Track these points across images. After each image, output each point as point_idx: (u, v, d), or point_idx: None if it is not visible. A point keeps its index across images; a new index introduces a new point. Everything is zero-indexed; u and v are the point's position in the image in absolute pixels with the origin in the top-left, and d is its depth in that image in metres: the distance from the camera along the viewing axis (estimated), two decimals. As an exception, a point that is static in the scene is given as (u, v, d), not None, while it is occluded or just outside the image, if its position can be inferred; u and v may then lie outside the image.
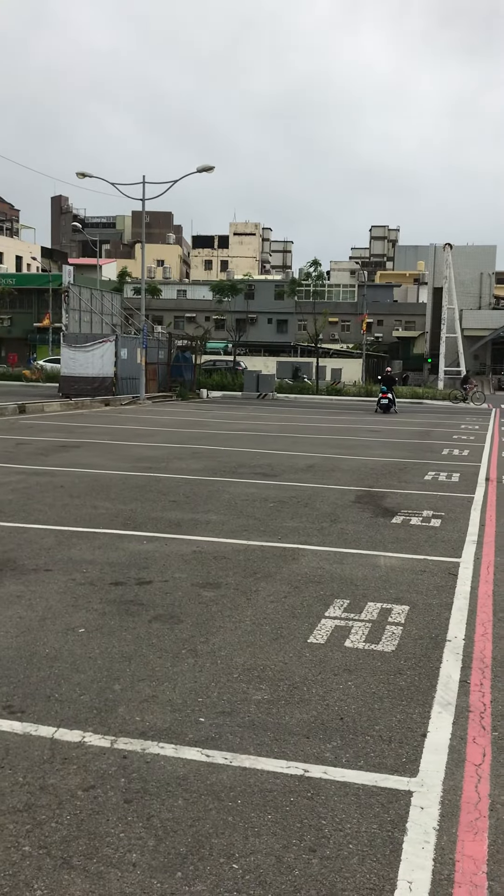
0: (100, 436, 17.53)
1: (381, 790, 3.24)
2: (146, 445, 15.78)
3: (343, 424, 23.86)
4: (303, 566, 6.74)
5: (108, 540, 7.47)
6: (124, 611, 5.40)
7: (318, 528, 8.34)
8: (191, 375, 38.94)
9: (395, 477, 12.36)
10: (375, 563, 6.91)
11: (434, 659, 4.71)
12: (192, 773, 3.33)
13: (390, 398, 30.16)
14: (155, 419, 23.27)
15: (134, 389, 31.70)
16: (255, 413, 27.79)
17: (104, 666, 4.43)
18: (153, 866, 2.72)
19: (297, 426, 22.35)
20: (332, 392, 44.99)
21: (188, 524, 8.27)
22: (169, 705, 3.96)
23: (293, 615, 5.42)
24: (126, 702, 3.98)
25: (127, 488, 10.38)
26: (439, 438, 19.75)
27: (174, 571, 6.43)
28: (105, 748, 3.51)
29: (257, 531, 8.03)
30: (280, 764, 3.42)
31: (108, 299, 39.24)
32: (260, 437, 18.42)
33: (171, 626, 5.11)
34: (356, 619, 5.36)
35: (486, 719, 3.94)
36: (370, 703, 4.08)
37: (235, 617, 5.34)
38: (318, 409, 31.62)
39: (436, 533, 8.30)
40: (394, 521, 8.81)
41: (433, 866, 2.76)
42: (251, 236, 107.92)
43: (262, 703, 4.01)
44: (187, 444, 16.16)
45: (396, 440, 19.01)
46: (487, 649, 4.91)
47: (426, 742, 3.67)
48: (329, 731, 3.74)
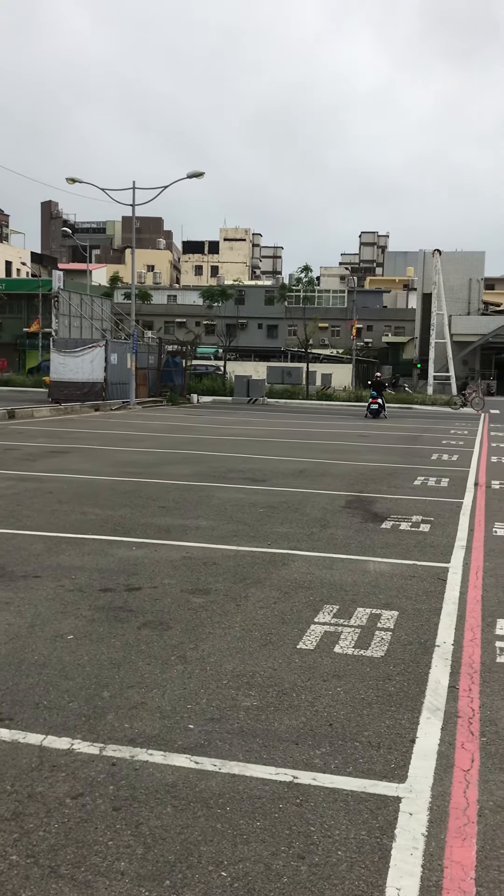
0: (89, 441, 17.49)
1: (369, 796, 3.25)
2: (136, 451, 15.76)
3: (333, 429, 23.90)
4: (292, 572, 6.74)
5: (98, 546, 7.45)
6: (113, 617, 5.39)
7: (308, 533, 8.34)
8: (181, 380, 38.94)
9: (385, 482, 12.39)
10: (365, 569, 6.91)
11: (423, 664, 4.72)
12: (181, 780, 3.32)
13: (380, 403, 30.23)
14: (145, 424, 23.24)
15: (124, 394, 31.66)
16: (245, 418, 27.79)
17: (93, 673, 4.42)
18: (141, 875, 2.71)
19: (287, 431, 22.37)
20: (322, 397, 45.03)
21: (178, 530, 8.26)
22: (158, 712, 3.95)
23: (283, 621, 5.41)
24: (115, 709, 3.97)
25: (116, 494, 10.36)
26: (429, 443, 19.81)
27: (163, 577, 6.42)
28: (94, 755, 3.50)
29: (247, 537, 8.03)
30: (269, 770, 3.41)
31: (98, 304, 39.21)
32: (250, 442, 18.43)
33: (161, 633, 5.10)
34: (345, 624, 5.37)
35: (474, 725, 3.94)
36: (359, 708, 4.08)
37: (225, 623, 5.33)
38: (308, 414, 31.66)
39: (425, 538, 8.32)
40: (383, 527, 8.83)
41: (422, 873, 2.77)
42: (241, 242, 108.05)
43: (252, 710, 4.01)
44: (177, 450, 16.15)
45: (386, 445, 19.06)
46: (476, 654, 4.92)
47: (415, 748, 3.68)
48: (318, 738, 3.74)
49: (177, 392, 37.00)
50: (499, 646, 5.07)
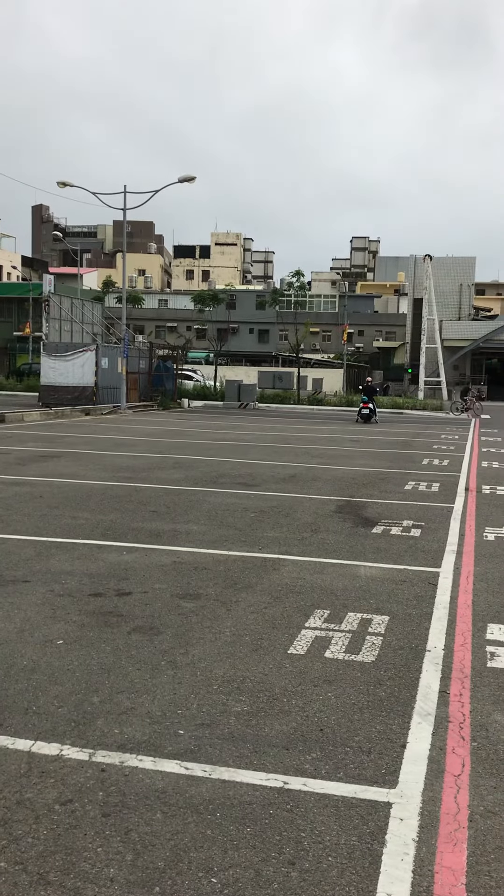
0: (80, 445, 17.44)
1: (360, 802, 3.24)
2: (126, 455, 15.73)
3: (324, 434, 23.92)
4: (283, 576, 6.73)
5: (88, 551, 7.42)
6: (103, 622, 5.37)
7: (299, 538, 8.34)
8: (172, 385, 38.90)
9: (376, 487, 12.40)
10: (356, 574, 6.91)
11: (414, 669, 4.72)
12: (170, 786, 3.31)
13: (371, 408, 30.29)
14: (135, 429, 23.20)
15: (115, 399, 31.60)
16: (236, 423, 27.79)
17: (82, 678, 4.40)
18: (131, 881, 2.69)
19: (278, 436, 22.37)
20: (314, 402, 45.09)
21: (168, 535, 8.24)
22: (148, 717, 3.93)
23: (273, 626, 5.40)
24: (104, 714, 3.95)
25: (107, 498, 10.33)
26: (420, 448, 19.85)
27: (154, 582, 6.40)
28: (83, 761, 3.48)
29: (238, 541, 8.02)
30: (259, 776, 3.40)
31: (89, 308, 39.15)
32: (241, 447, 18.42)
33: (151, 638, 5.08)
34: (336, 629, 5.36)
35: (465, 730, 3.94)
36: (350, 714, 4.08)
37: (215, 628, 5.32)
38: (299, 419, 31.67)
39: (416, 543, 8.33)
40: (374, 531, 8.83)
41: (412, 878, 2.76)
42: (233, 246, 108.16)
43: (242, 715, 4.00)
44: (168, 454, 16.12)
45: (377, 450, 19.08)
46: (467, 659, 4.92)
47: (406, 753, 3.67)
48: (309, 743, 3.73)
49: (168, 396, 36.96)
50: (489, 650, 5.08)
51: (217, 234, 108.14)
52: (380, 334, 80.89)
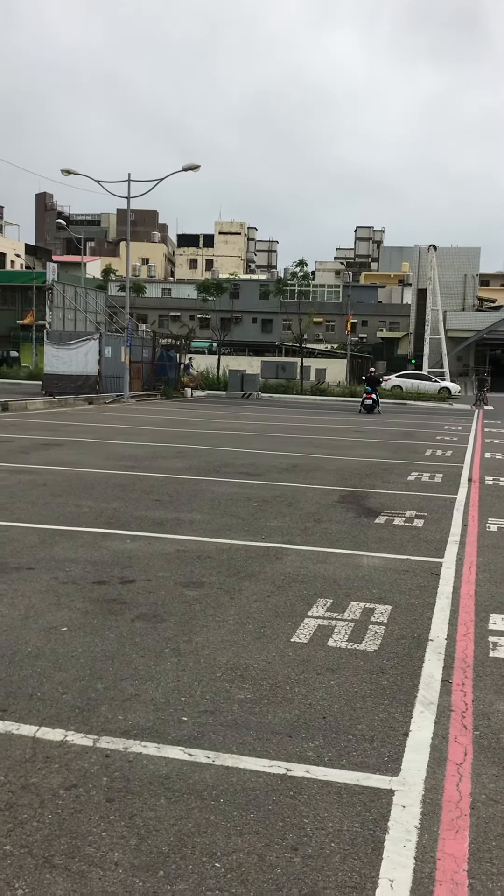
0: (83, 434, 17.46)
1: (363, 789, 3.26)
2: (130, 444, 15.74)
3: (327, 424, 23.91)
4: (286, 565, 6.75)
5: (91, 539, 7.44)
6: (107, 610, 5.39)
7: (302, 527, 8.35)
8: (175, 374, 38.89)
9: (379, 477, 12.41)
10: (358, 563, 6.93)
11: (416, 658, 4.73)
12: (174, 771, 3.33)
13: (374, 398, 30.25)
14: (139, 418, 23.21)
15: (118, 388, 31.60)
16: (239, 412, 27.79)
17: (87, 665, 4.42)
18: (135, 865, 2.71)
19: (281, 426, 22.37)
20: (317, 392, 45.05)
21: (172, 523, 8.26)
22: (152, 704, 3.95)
23: (276, 614, 5.42)
24: (109, 700, 3.98)
25: (110, 487, 10.35)
26: (422, 439, 19.84)
27: (157, 570, 6.42)
28: (87, 747, 3.50)
29: (241, 530, 8.03)
30: (263, 763, 3.42)
31: (93, 297, 39.11)
32: (244, 437, 18.42)
33: (154, 625, 5.10)
34: (339, 618, 5.38)
35: (467, 718, 3.96)
36: (353, 702, 4.09)
37: (219, 616, 5.34)
38: (302, 409, 31.66)
39: (419, 533, 8.34)
40: (377, 521, 8.84)
41: (414, 864, 2.78)
42: (236, 235, 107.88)
43: (245, 703, 4.02)
44: (171, 443, 16.13)
45: (380, 440, 19.08)
46: (469, 649, 4.93)
47: (408, 741, 3.69)
48: (312, 731, 3.75)
49: (171, 386, 36.95)
50: (492, 640, 5.09)
51: (221, 223, 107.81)
52: (383, 325, 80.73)
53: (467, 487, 11.71)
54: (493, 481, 12.47)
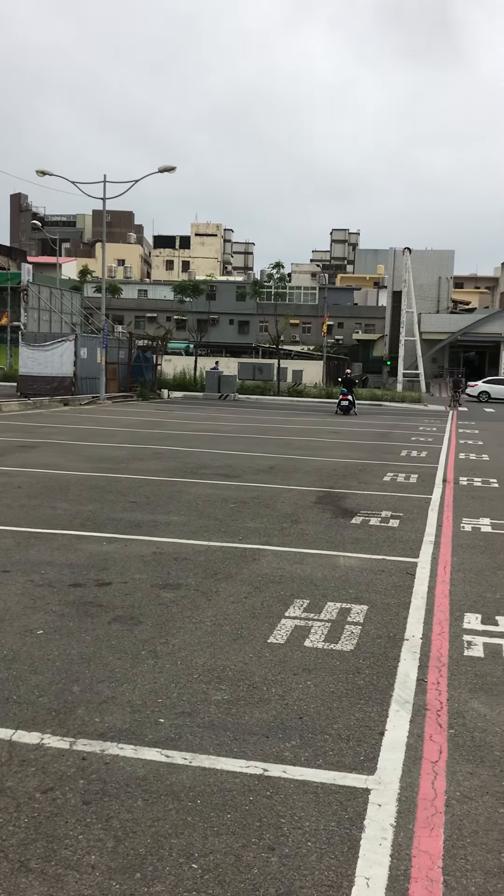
0: (59, 436, 17.36)
1: (339, 788, 3.28)
2: (106, 446, 15.68)
3: (304, 426, 23.97)
4: (263, 567, 6.76)
5: (67, 541, 7.41)
6: (83, 612, 5.37)
7: (279, 528, 8.37)
8: (152, 376, 38.77)
9: (355, 478, 12.46)
10: (335, 564, 6.96)
11: (392, 658, 4.77)
12: (151, 773, 3.33)
13: (350, 400, 30.37)
14: (115, 419, 23.12)
15: (94, 389, 31.45)
16: (216, 414, 27.77)
17: (63, 667, 4.40)
18: (112, 868, 2.71)
19: (258, 427, 22.39)
20: (293, 393, 45.13)
21: (148, 525, 8.24)
22: (128, 706, 3.94)
23: (253, 615, 5.43)
24: (85, 703, 3.96)
25: (86, 489, 10.31)
26: (398, 440, 19.96)
27: (134, 573, 6.40)
28: (64, 750, 3.49)
29: (218, 532, 8.04)
30: (239, 763, 3.43)
31: (68, 298, 38.90)
32: (221, 438, 18.42)
33: (131, 628, 5.09)
34: (316, 618, 5.40)
35: (442, 717, 4.00)
36: (329, 702, 4.12)
37: (195, 618, 5.34)
38: (279, 411, 31.71)
39: (394, 533, 8.39)
40: (353, 522, 8.89)
41: (390, 862, 2.80)
42: (213, 237, 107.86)
43: (222, 704, 4.02)
44: (148, 445, 16.09)
45: (356, 441, 19.16)
46: (444, 648, 4.98)
47: (384, 740, 3.72)
48: (288, 731, 3.76)
49: (147, 387, 36.83)
50: (466, 639, 5.14)
51: (197, 224, 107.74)
52: (359, 326, 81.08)
53: (442, 488, 11.80)
54: (468, 481, 12.58)
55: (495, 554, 7.61)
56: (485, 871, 2.79)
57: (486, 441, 20.61)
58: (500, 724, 3.96)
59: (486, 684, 4.43)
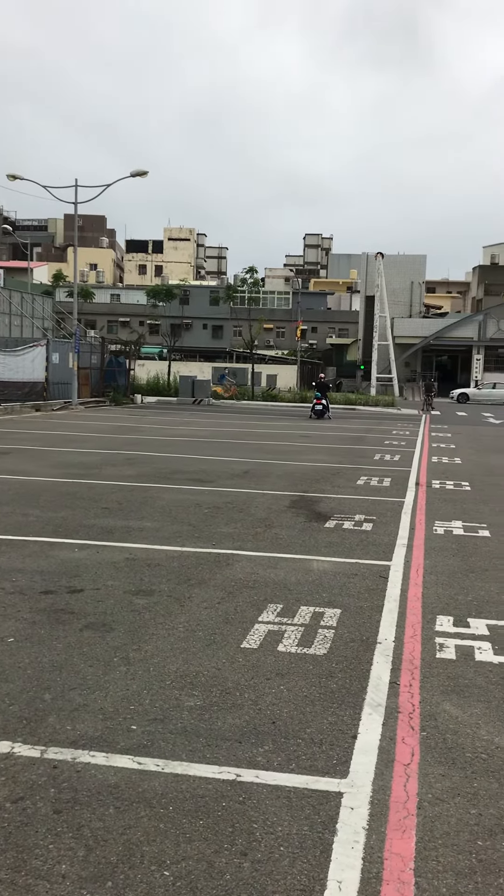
0: (30, 442, 17.23)
1: (311, 792, 3.28)
2: (78, 451, 15.58)
3: (278, 430, 24.01)
4: (237, 571, 6.75)
5: (39, 548, 7.35)
6: (55, 619, 5.33)
7: (253, 533, 8.37)
8: (125, 380, 38.65)
9: (329, 482, 12.50)
10: (308, 568, 6.97)
11: (365, 661, 4.78)
12: (123, 781, 3.31)
13: (324, 404, 30.49)
14: (87, 425, 22.99)
15: (66, 395, 31.26)
16: (190, 419, 27.73)
17: (34, 675, 4.36)
18: (83, 877, 2.69)
19: (232, 432, 22.39)
20: (268, 398, 45.21)
21: (121, 531, 8.20)
22: (100, 713, 3.92)
23: (227, 621, 5.42)
24: (56, 711, 3.93)
25: (58, 495, 10.23)
26: (371, 444, 20.06)
27: (106, 579, 6.36)
28: (35, 758, 3.46)
29: (191, 537, 8.02)
30: (212, 769, 3.42)
31: (40, 303, 38.67)
32: (195, 443, 18.39)
33: (103, 634, 5.06)
34: (289, 623, 5.41)
35: (414, 719, 4.02)
36: (302, 706, 4.12)
37: (168, 624, 5.32)
38: (253, 415, 31.73)
39: (367, 537, 8.43)
40: (327, 526, 8.91)
41: (362, 865, 2.81)
42: (186, 242, 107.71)
43: (195, 710, 4.01)
44: (121, 450, 16.02)
45: (330, 445, 19.23)
46: (416, 650, 5.01)
47: (356, 743, 3.73)
48: (261, 736, 3.76)
49: (120, 392, 36.70)
50: (438, 642, 5.17)
51: (170, 229, 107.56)
52: (333, 331, 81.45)
53: (415, 491, 11.88)
54: (440, 485, 12.67)
55: (467, 557, 7.67)
56: (456, 871, 2.81)
57: (459, 444, 20.78)
58: (472, 725, 3.99)
59: (458, 686, 4.46)
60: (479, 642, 5.19)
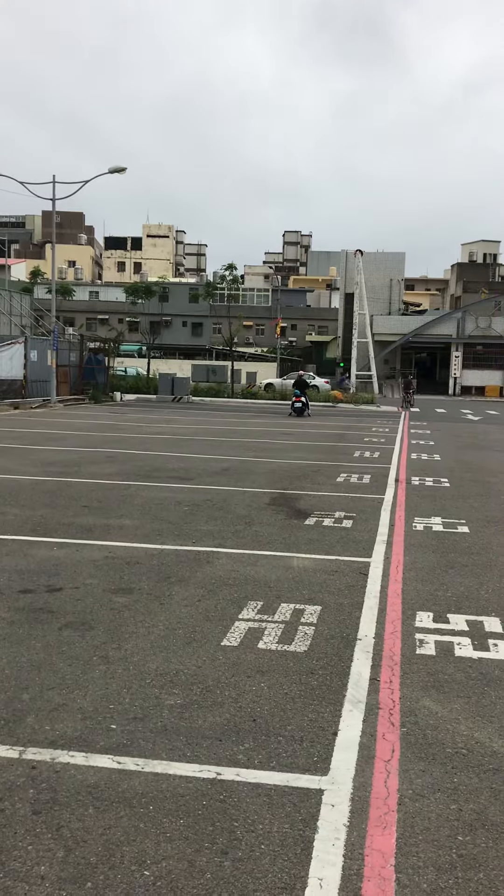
0: (8, 440, 17.10)
1: (292, 790, 3.27)
2: (57, 449, 15.49)
3: (258, 427, 24.00)
4: (217, 569, 6.74)
5: (17, 547, 7.29)
6: (33, 619, 5.28)
7: (233, 530, 8.36)
8: (104, 378, 38.47)
9: (309, 479, 12.52)
10: (289, 565, 6.97)
11: (345, 658, 4.79)
12: (103, 780, 3.28)
13: (304, 401, 30.52)
14: (66, 423, 22.86)
15: (44, 392, 31.07)
16: (169, 416, 27.65)
17: (12, 675, 4.32)
18: (63, 878, 2.66)
19: (212, 429, 22.35)
20: (247, 395, 45.19)
21: (100, 529, 8.16)
22: (80, 713, 3.89)
23: (207, 618, 5.41)
24: (35, 711, 3.90)
25: (37, 493, 10.16)
26: (351, 441, 20.11)
27: (85, 578, 6.33)
28: (13, 759, 3.42)
29: (171, 535, 7.99)
30: (192, 768, 3.41)
31: (17, 300, 38.38)
32: (175, 441, 18.34)
33: (83, 633, 5.02)
34: (269, 620, 5.40)
35: (395, 716, 4.02)
36: (282, 703, 4.11)
37: (148, 622, 5.30)
38: (233, 413, 31.71)
39: (347, 534, 8.44)
40: (307, 523, 8.92)
41: (343, 862, 2.81)
42: (165, 238, 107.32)
43: (175, 708, 3.99)
44: (100, 448, 15.94)
45: (310, 443, 19.25)
46: (396, 647, 5.02)
47: (337, 740, 3.73)
48: (242, 734, 3.75)
49: (100, 390, 36.53)
50: (418, 638, 5.19)
51: (149, 225, 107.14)
52: (312, 328, 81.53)
53: (394, 488, 11.92)
54: (419, 481, 12.72)
55: (446, 552, 7.70)
56: (437, 867, 2.82)
57: (438, 441, 20.88)
58: (452, 721, 4.00)
59: (438, 682, 4.48)
60: (458, 638, 5.21)
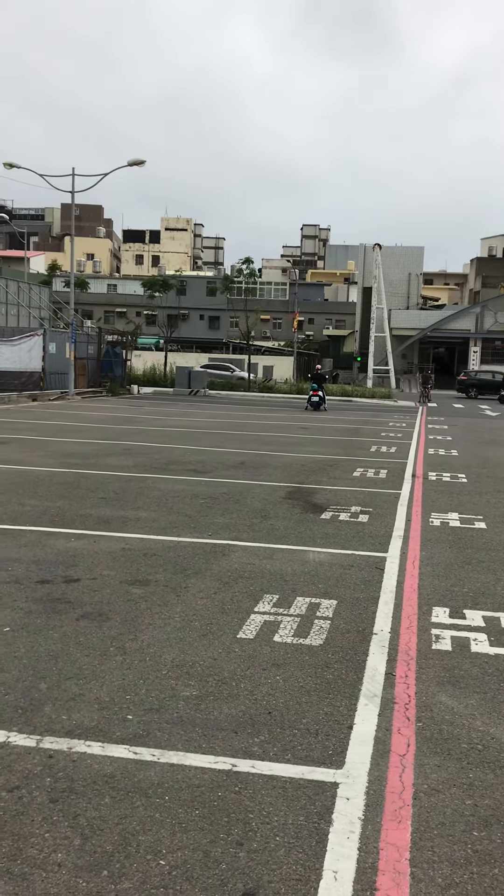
0: (27, 431, 17.19)
1: (307, 783, 3.28)
2: (75, 441, 15.56)
3: (274, 421, 23.99)
4: (233, 562, 6.75)
5: (35, 537, 7.33)
6: (51, 609, 5.32)
7: (249, 524, 8.37)
8: (121, 371, 38.58)
9: (325, 473, 12.50)
10: (304, 559, 6.97)
11: (361, 652, 4.79)
12: (119, 770, 3.30)
13: (321, 396, 30.47)
14: (84, 415, 22.95)
15: (62, 384, 31.21)
16: (186, 410, 27.69)
17: (30, 665, 4.36)
18: (79, 866, 2.69)
19: (228, 423, 22.37)
20: (264, 389, 45.17)
21: (117, 521, 8.19)
22: (96, 703, 3.91)
23: (223, 611, 5.42)
24: (52, 700, 3.93)
25: (55, 485, 10.22)
26: (368, 436, 20.05)
27: (102, 569, 6.36)
28: (30, 748, 3.45)
29: (187, 528, 8.01)
30: (208, 759, 3.42)
31: (36, 292, 38.53)
32: (191, 434, 18.37)
33: (99, 624, 5.05)
34: (285, 613, 5.41)
35: (410, 710, 4.02)
36: (298, 696, 4.12)
37: (164, 614, 5.32)
38: (249, 406, 31.70)
39: (363, 528, 8.43)
40: (323, 517, 8.91)
41: (358, 855, 2.81)
42: (183, 232, 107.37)
43: (191, 700, 4.01)
44: (117, 441, 15.99)
45: (326, 437, 19.22)
46: (412, 642, 5.01)
47: (352, 734, 3.73)
48: (257, 726, 3.76)
49: (117, 383, 36.64)
50: (434, 633, 5.18)
51: (167, 219, 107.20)
52: (329, 322, 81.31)
53: (411, 483, 11.88)
54: (437, 477, 12.68)
55: (463, 548, 7.67)
56: (452, 862, 2.82)
57: (455, 436, 20.79)
58: (468, 716, 3.99)
59: (454, 677, 4.47)
60: (474, 633, 5.19)
